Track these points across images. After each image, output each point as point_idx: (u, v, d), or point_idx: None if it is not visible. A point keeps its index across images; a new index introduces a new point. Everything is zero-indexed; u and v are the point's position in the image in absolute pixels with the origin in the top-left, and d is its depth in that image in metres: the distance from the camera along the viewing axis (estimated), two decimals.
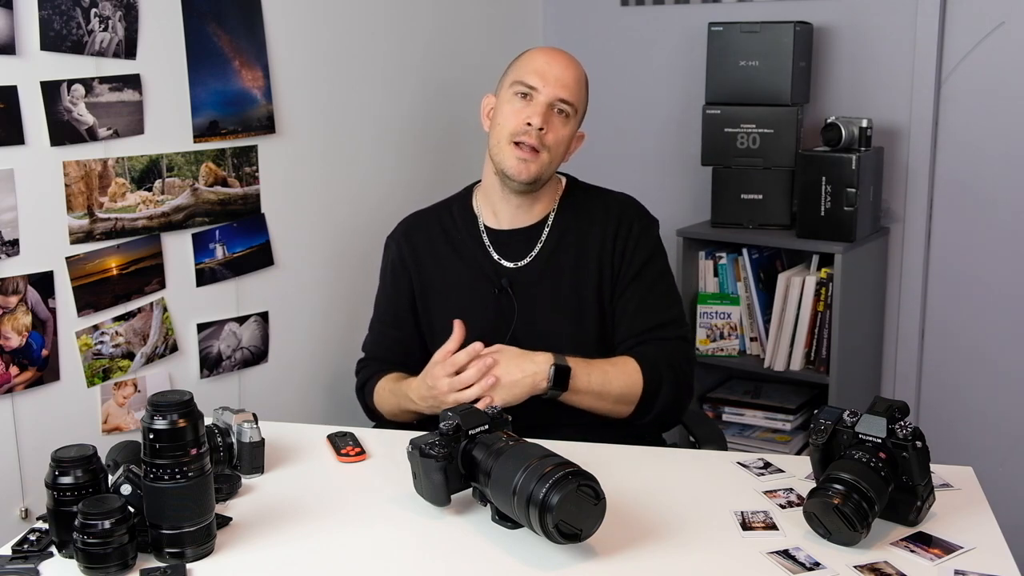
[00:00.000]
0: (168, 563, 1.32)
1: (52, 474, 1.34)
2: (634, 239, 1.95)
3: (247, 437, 1.59)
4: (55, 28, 1.87)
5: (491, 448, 1.42)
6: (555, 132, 1.89)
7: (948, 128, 2.75)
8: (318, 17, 2.41)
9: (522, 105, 1.89)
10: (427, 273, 2.00)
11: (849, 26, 2.82)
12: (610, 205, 2.00)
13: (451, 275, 1.99)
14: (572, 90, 1.90)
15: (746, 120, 2.75)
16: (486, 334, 1.82)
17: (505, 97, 1.92)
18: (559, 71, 1.89)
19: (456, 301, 1.96)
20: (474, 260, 1.97)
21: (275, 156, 2.32)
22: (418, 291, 2.01)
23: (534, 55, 1.94)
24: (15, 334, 1.88)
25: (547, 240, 1.97)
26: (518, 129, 1.87)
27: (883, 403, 1.44)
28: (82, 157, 1.95)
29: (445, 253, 2.00)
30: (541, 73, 1.88)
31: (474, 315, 1.90)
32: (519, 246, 1.97)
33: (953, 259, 2.80)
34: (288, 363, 2.43)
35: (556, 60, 1.92)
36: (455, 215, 2.03)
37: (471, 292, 1.96)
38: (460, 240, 2.00)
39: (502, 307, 1.93)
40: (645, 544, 1.38)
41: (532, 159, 1.88)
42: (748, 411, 2.85)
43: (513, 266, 1.96)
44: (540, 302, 1.93)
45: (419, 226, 2.06)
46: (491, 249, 1.97)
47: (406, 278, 2.02)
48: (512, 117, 1.89)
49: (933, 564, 1.33)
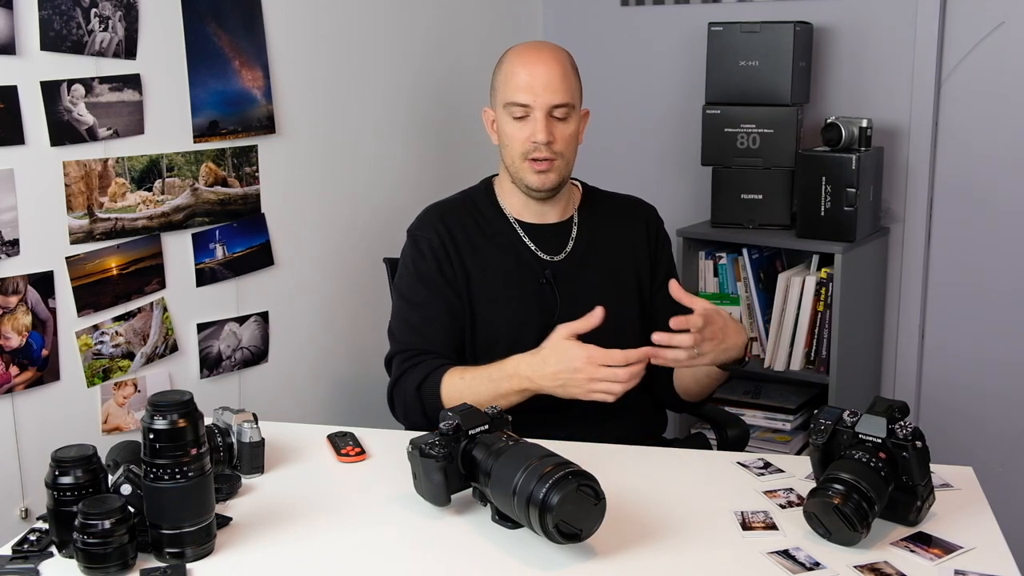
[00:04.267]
0: (168, 563, 1.32)
1: (52, 474, 1.34)
2: (663, 239, 2.08)
3: (247, 437, 1.59)
4: (55, 28, 1.87)
5: (491, 448, 1.42)
6: (561, 136, 1.89)
7: (948, 128, 2.75)
8: (318, 17, 2.41)
9: (521, 124, 1.88)
10: (467, 260, 1.95)
11: (849, 26, 2.82)
12: (635, 207, 2.09)
13: (491, 264, 1.95)
14: (563, 90, 1.88)
15: (746, 120, 2.74)
16: (530, 325, 1.84)
17: (503, 117, 1.91)
18: (544, 79, 1.86)
19: (497, 291, 1.94)
20: (513, 251, 1.96)
21: (275, 156, 2.32)
22: (460, 277, 1.94)
23: (514, 68, 1.89)
24: (15, 334, 1.88)
25: (579, 236, 1.99)
26: (527, 148, 1.88)
27: (883, 403, 1.44)
28: (82, 157, 1.95)
29: (481, 242, 1.96)
30: (528, 88, 1.86)
31: (517, 305, 1.92)
32: (554, 240, 1.98)
33: (953, 259, 2.80)
34: (288, 363, 2.43)
35: (538, 67, 1.87)
36: (481, 208, 2.00)
37: (514, 283, 1.94)
38: (494, 231, 1.97)
39: (545, 299, 1.93)
40: (645, 544, 1.38)
41: (549, 168, 1.89)
42: (748, 411, 2.84)
43: (551, 259, 1.96)
44: (581, 294, 1.92)
45: (449, 214, 1.99)
46: (528, 241, 1.97)
47: (449, 264, 1.94)
48: (517, 137, 1.89)
49: (933, 564, 1.33)
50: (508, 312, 1.92)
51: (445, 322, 1.91)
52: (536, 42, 2.00)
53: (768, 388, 2.91)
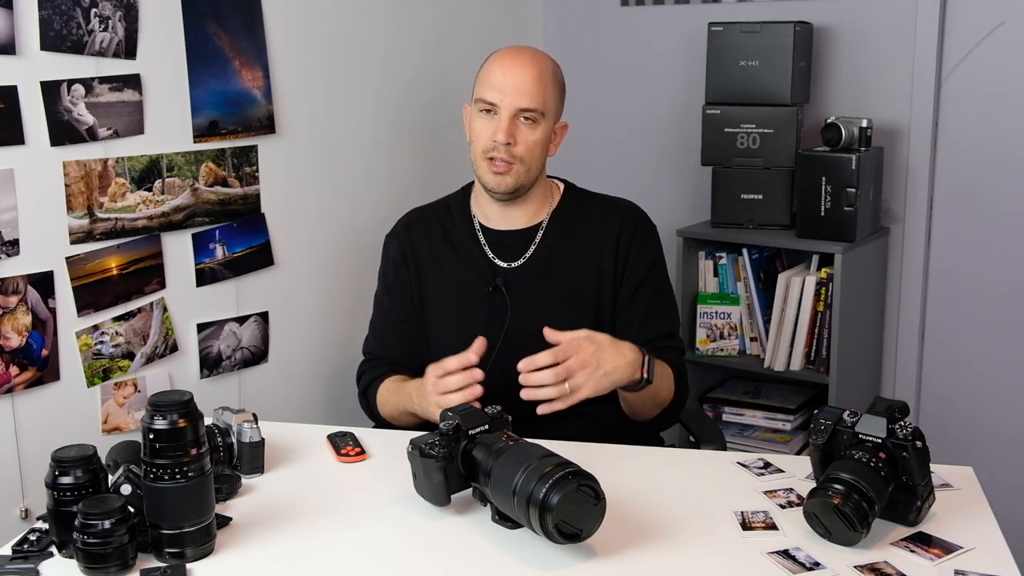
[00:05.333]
0: (168, 563, 1.32)
1: (52, 474, 1.34)
2: (638, 244, 1.96)
3: (247, 437, 1.60)
4: (55, 28, 1.87)
5: (491, 448, 1.42)
6: (524, 141, 1.88)
7: (948, 128, 2.75)
8: (318, 17, 2.41)
9: (487, 121, 1.89)
10: (424, 268, 2.00)
11: (849, 26, 2.82)
12: (611, 210, 2.00)
13: (446, 272, 1.99)
14: (533, 95, 1.86)
15: (746, 120, 2.75)
16: (478, 332, 1.80)
17: (474, 112, 1.93)
18: (516, 80, 1.86)
19: (450, 298, 1.97)
20: (470, 258, 1.98)
21: (275, 156, 2.32)
22: (415, 286, 2.01)
23: (491, 67, 1.91)
24: (15, 334, 1.88)
25: (541, 242, 1.97)
26: (487, 146, 1.89)
27: (883, 403, 1.44)
28: (82, 157, 1.95)
29: (442, 250, 2.00)
30: (498, 87, 1.87)
31: (467, 312, 1.93)
32: (515, 247, 1.97)
33: (953, 259, 2.80)
34: (288, 363, 2.43)
35: (512, 68, 1.88)
36: (453, 213, 2.04)
37: (465, 289, 1.96)
38: (457, 238, 2.00)
39: (496, 306, 1.93)
40: (645, 544, 1.38)
41: (506, 171, 1.89)
42: (748, 411, 2.85)
43: (507, 266, 1.96)
44: (534, 302, 1.93)
45: (418, 222, 2.06)
46: (487, 248, 1.98)
47: (406, 273, 2.02)
48: (481, 134, 1.90)
49: (933, 564, 1.33)
50: (457, 319, 1.94)
51: (402, 329, 2.01)
52: (521, 46, 1.97)
53: (768, 388, 2.91)
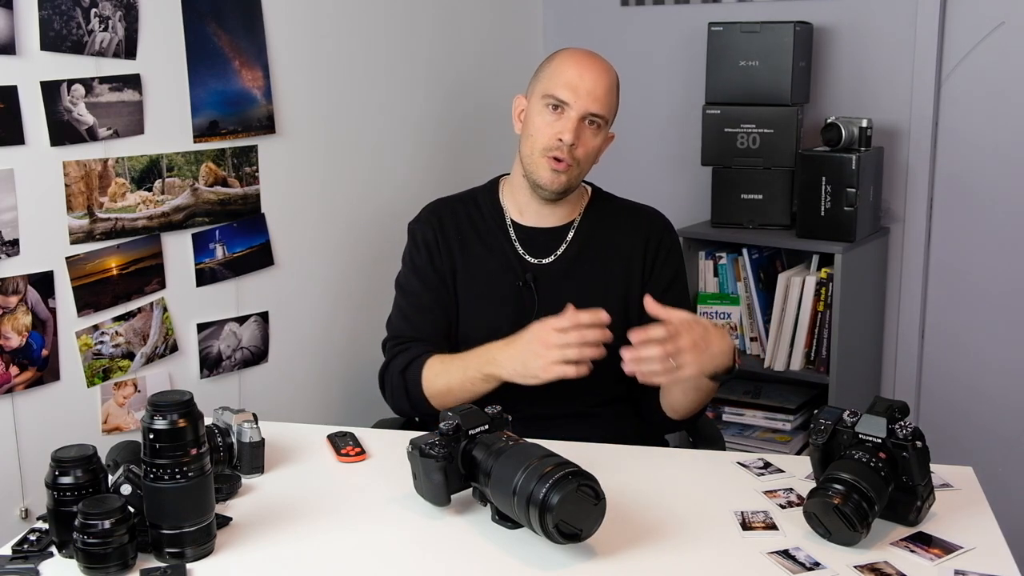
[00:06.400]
0: (168, 563, 1.32)
1: (52, 474, 1.34)
2: (664, 251, 2.00)
3: (247, 437, 1.60)
4: (55, 28, 1.87)
5: (491, 448, 1.42)
6: (586, 145, 1.89)
7: (948, 128, 2.75)
8: (318, 17, 2.41)
9: (553, 118, 1.88)
10: (456, 255, 1.99)
11: (849, 26, 2.82)
12: (639, 216, 2.04)
13: (476, 262, 1.98)
14: (603, 102, 1.89)
15: (746, 120, 2.75)
16: (504, 325, 1.83)
17: (536, 107, 1.91)
18: (591, 84, 1.88)
19: (479, 289, 1.97)
20: (500, 251, 1.97)
21: (275, 156, 2.32)
22: (448, 271, 1.98)
23: (566, 65, 1.91)
24: (15, 334, 1.88)
25: (572, 241, 1.98)
26: (550, 144, 1.88)
27: (883, 403, 1.44)
28: (82, 157, 1.95)
29: (472, 240, 1.99)
30: (573, 87, 1.87)
31: (495, 305, 1.93)
32: (545, 244, 1.98)
33: (953, 259, 2.80)
34: (288, 363, 2.43)
35: (588, 71, 1.89)
36: (481, 206, 2.03)
37: (495, 282, 1.96)
38: (487, 230, 2.00)
39: (524, 301, 1.94)
40: (645, 544, 1.38)
41: (564, 171, 1.89)
42: (748, 411, 2.85)
43: (537, 262, 1.97)
44: (562, 300, 1.92)
45: (447, 210, 2.04)
46: (517, 243, 1.98)
47: (440, 257, 1.99)
48: (544, 130, 1.89)
49: (933, 564, 1.33)
50: (485, 310, 1.95)
51: (435, 312, 1.97)
52: (590, 51, 1.97)
53: (768, 388, 2.91)
